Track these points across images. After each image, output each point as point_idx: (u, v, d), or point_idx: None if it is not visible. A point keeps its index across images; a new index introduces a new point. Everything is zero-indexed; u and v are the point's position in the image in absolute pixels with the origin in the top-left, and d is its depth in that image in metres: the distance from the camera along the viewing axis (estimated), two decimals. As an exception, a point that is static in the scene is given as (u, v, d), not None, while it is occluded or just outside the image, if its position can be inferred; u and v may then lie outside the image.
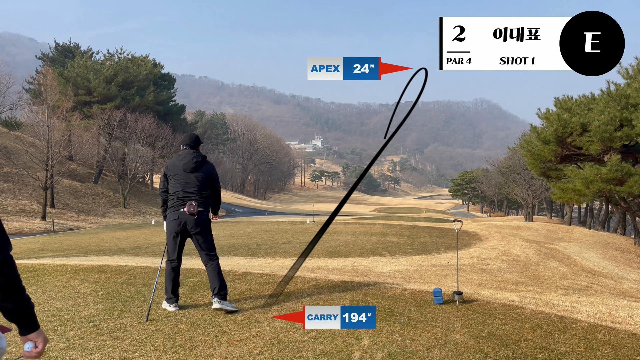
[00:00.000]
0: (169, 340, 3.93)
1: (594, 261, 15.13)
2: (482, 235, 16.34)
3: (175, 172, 4.91)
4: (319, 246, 11.53)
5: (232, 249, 11.61)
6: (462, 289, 6.08)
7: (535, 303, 5.60)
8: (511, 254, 12.05)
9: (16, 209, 28.81)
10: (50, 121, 28.47)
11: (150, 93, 47.30)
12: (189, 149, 5.03)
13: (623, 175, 19.97)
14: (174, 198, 4.88)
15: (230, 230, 18.08)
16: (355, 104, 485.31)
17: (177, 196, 4.86)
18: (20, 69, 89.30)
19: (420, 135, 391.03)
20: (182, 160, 4.91)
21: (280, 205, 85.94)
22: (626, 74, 21.20)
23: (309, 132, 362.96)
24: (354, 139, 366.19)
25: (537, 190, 47.84)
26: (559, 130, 22.37)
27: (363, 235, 15.41)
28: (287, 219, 29.42)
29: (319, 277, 6.64)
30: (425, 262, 9.77)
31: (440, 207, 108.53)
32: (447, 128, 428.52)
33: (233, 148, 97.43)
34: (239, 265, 8.20)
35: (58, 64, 46.34)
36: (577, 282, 8.89)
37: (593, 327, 4.55)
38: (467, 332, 4.26)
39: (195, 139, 5.11)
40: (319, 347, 3.79)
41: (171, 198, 4.91)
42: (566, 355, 3.73)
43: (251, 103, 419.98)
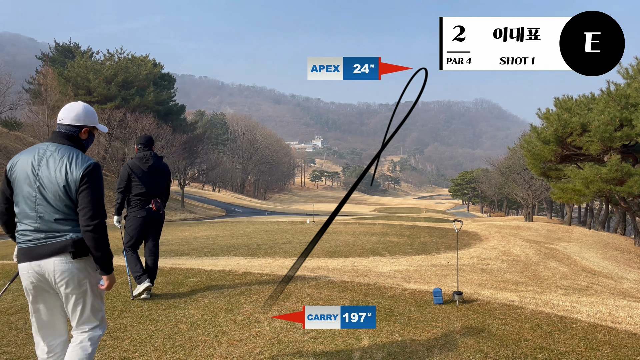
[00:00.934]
0: (169, 340, 3.93)
1: (594, 261, 15.13)
2: (482, 235, 16.34)
3: (139, 173, 5.30)
4: (319, 246, 11.53)
5: (232, 249, 11.61)
6: (462, 289, 6.08)
7: (535, 303, 5.60)
8: (511, 254, 12.04)
9: (16, 209, 28.82)
10: (50, 121, 28.51)
11: (150, 93, 47.28)
12: (143, 148, 5.45)
13: (623, 175, 19.96)
14: (140, 196, 5.30)
15: (230, 230, 18.08)
16: (355, 104, 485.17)
17: (143, 195, 5.29)
18: (20, 69, 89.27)
19: (420, 135, 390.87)
20: (146, 163, 5.34)
21: (280, 205, 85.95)
22: (626, 74, 21.20)
23: (309, 132, 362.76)
24: (354, 139, 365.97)
25: (537, 190, 47.81)
26: (559, 130, 22.36)
27: (363, 235, 15.41)
28: (287, 219, 29.42)
29: (319, 277, 6.64)
30: (425, 262, 9.77)
31: (440, 207, 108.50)
32: (447, 128, 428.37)
33: (233, 148, 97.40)
34: (239, 265, 8.20)
35: (58, 64, 46.34)
36: (577, 282, 8.89)
37: (593, 327, 4.55)
38: (467, 332, 4.26)
39: (150, 139, 5.56)
40: (319, 347, 3.79)
41: (136, 196, 5.31)
42: (566, 355, 3.73)
43: (251, 103, 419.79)
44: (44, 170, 2.59)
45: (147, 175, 5.32)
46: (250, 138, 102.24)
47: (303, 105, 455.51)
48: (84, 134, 2.75)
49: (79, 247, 2.59)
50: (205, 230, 18.71)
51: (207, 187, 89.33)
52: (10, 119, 43.31)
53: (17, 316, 4.66)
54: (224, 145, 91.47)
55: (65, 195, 2.58)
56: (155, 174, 5.40)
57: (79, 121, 2.74)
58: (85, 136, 2.76)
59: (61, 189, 2.57)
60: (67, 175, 2.56)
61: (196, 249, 11.56)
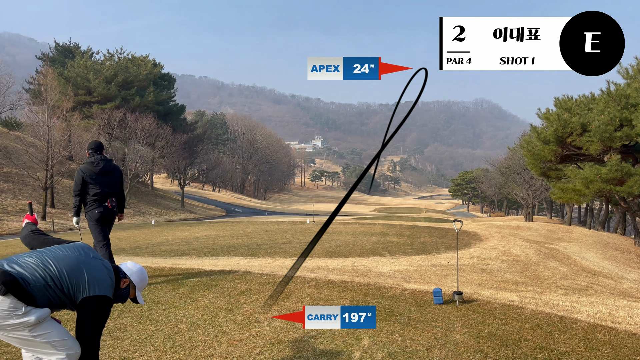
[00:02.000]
0: (169, 340, 3.93)
1: (594, 261, 15.13)
2: (482, 235, 16.34)
3: (92, 175, 5.80)
4: (319, 246, 11.53)
5: (232, 249, 11.61)
6: (462, 289, 6.08)
7: (535, 303, 5.60)
8: (511, 254, 12.04)
9: (16, 209, 28.79)
10: (50, 121, 28.43)
11: (150, 93, 47.28)
12: (94, 153, 5.91)
13: (623, 175, 19.96)
14: (96, 196, 5.82)
15: (230, 230, 18.08)
16: (355, 104, 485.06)
17: (98, 195, 5.82)
18: (20, 69, 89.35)
19: (420, 135, 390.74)
20: (97, 167, 5.82)
21: (280, 205, 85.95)
22: (626, 74, 21.20)
23: (309, 132, 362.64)
24: (354, 139, 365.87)
25: (537, 190, 47.81)
26: (559, 130, 22.37)
27: (363, 235, 15.41)
28: (287, 219, 29.42)
29: (319, 277, 6.64)
30: (425, 262, 9.77)
31: (440, 207, 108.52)
32: (447, 128, 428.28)
33: (233, 148, 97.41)
34: (239, 265, 8.20)
35: (58, 64, 46.33)
36: (577, 282, 8.89)
37: (593, 327, 4.55)
38: (467, 332, 4.25)
39: (100, 144, 6.07)
40: (319, 347, 3.79)
41: (93, 197, 5.83)
42: (566, 355, 3.73)
43: (251, 103, 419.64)
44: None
45: (100, 177, 5.82)
46: (250, 138, 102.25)
47: (303, 105, 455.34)
48: (124, 284, 2.82)
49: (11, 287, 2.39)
50: (205, 230, 18.71)
51: (207, 187, 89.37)
52: (10, 119, 43.31)
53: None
54: (224, 145, 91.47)
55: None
56: (107, 175, 5.90)
57: (127, 272, 2.86)
58: (123, 286, 2.82)
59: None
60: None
61: (196, 249, 11.55)
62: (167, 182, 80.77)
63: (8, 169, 33.79)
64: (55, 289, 2.47)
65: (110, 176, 5.93)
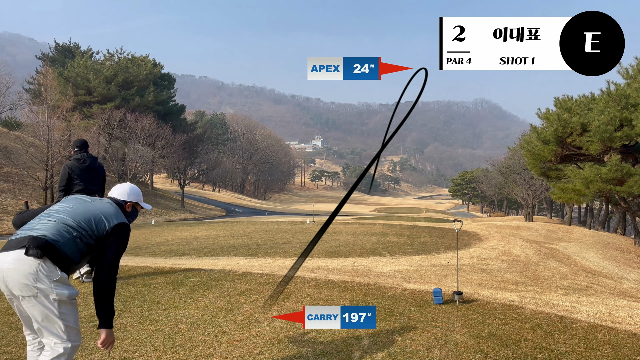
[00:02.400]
0: (169, 340, 3.93)
1: (594, 261, 15.13)
2: (482, 235, 16.34)
3: (77, 172, 6.08)
4: (319, 246, 11.53)
5: (232, 249, 11.61)
6: (462, 289, 6.08)
7: (535, 303, 5.60)
8: (511, 254, 12.04)
9: (16, 209, 28.79)
10: (50, 121, 28.43)
11: (150, 93, 47.27)
12: (80, 151, 6.19)
13: (623, 175, 19.96)
14: (80, 192, 5.90)
15: (230, 230, 18.08)
16: (355, 104, 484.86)
17: (83, 191, 5.98)
18: (20, 69, 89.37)
19: (420, 135, 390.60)
20: (85, 163, 6.12)
21: (280, 205, 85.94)
22: (626, 74, 21.20)
23: (309, 132, 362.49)
24: (354, 139, 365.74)
25: (537, 190, 47.80)
26: (559, 130, 22.37)
27: (363, 235, 15.41)
28: (287, 219, 29.42)
29: (319, 277, 6.64)
30: (425, 262, 9.77)
31: (440, 207, 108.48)
32: (447, 128, 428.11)
33: (233, 148, 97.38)
34: (239, 265, 8.20)
35: (58, 64, 46.33)
36: (577, 282, 8.89)
37: (593, 327, 4.55)
38: (467, 332, 4.25)
39: (85, 142, 6.34)
40: (319, 347, 3.79)
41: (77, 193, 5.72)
42: (566, 355, 3.73)
43: (251, 103, 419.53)
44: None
45: (85, 174, 6.13)
46: (250, 138, 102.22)
47: (303, 105, 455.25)
48: (128, 207, 3.09)
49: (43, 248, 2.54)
50: (205, 230, 18.70)
51: (207, 187, 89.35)
52: (10, 119, 43.29)
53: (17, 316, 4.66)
54: (224, 145, 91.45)
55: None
56: (92, 172, 6.21)
57: (124, 197, 3.09)
58: (129, 210, 3.09)
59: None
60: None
61: (196, 249, 11.55)
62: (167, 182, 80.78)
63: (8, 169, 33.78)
64: (81, 238, 2.64)
65: (94, 173, 6.23)
